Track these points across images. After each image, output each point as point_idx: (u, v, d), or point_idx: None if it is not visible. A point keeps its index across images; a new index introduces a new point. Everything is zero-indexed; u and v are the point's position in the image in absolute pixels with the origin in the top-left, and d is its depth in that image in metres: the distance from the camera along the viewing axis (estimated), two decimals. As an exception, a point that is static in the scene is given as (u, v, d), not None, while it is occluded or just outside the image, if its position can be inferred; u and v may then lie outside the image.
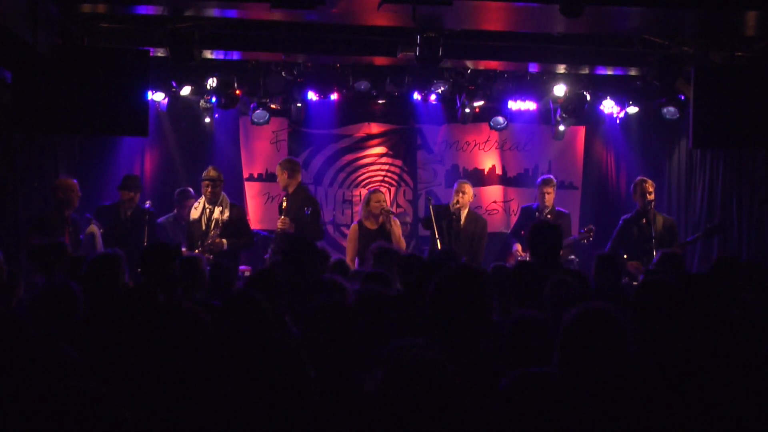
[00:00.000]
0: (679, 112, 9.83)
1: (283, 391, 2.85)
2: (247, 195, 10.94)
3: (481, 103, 10.35)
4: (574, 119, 10.56)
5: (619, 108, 10.46)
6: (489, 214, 11.07)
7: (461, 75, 9.78)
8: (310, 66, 9.75)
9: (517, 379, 2.61)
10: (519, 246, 9.28)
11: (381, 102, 10.91)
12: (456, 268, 3.89)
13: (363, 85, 9.75)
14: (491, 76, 9.86)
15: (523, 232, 8.85)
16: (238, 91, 9.55)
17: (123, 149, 10.45)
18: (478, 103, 10.35)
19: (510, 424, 2.55)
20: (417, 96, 10.46)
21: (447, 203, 9.23)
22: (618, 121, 10.82)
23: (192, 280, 5.44)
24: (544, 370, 2.68)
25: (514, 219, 10.49)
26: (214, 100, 9.75)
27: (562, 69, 9.80)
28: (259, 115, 10.05)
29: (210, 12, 8.09)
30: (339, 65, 9.82)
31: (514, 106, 10.47)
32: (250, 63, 9.67)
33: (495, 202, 11.34)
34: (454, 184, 9.44)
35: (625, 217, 8.97)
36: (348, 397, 3.32)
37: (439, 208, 9.01)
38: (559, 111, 10.36)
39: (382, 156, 11.25)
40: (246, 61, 9.67)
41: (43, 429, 2.30)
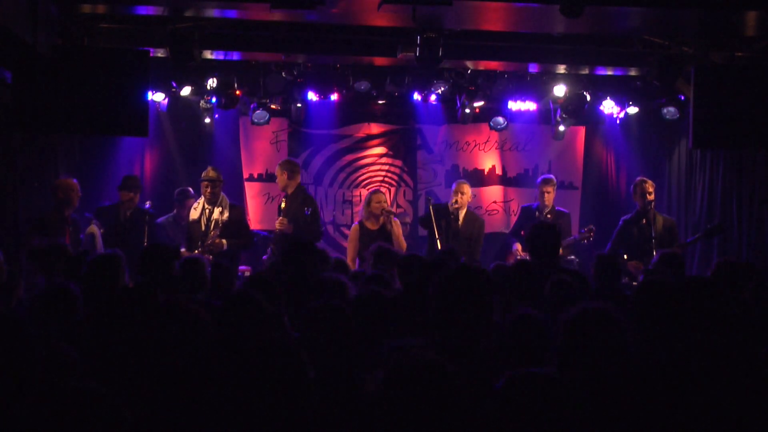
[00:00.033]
0: (679, 112, 9.82)
1: (283, 391, 2.85)
2: (247, 195, 10.94)
3: (481, 103, 10.35)
4: (574, 119, 10.55)
5: (619, 108, 10.45)
6: (489, 215, 11.07)
7: (461, 75, 9.78)
8: (310, 66, 9.75)
9: (511, 380, 2.61)
10: (519, 246, 9.26)
11: (381, 102, 10.91)
12: (457, 268, 3.89)
13: (363, 85, 9.76)
14: (491, 77, 9.85)
15: (523, 232, 8.84)
16: (238, 92, 9.54)
17: (123, 149, 10.45)
18: (478, 104, 10.35)
19: (505, 424, 2.55)
20: (417, 96, 10.45)
21: (446, 202, 9.23)
22: (618, 121, 10.81)
23: (194, 281, 5.45)
24: (539, 370, 2.68)
25: (514, 219, 10.48)
26: (214, 100, 9.74)
27: (562, 69, 9.80)
28: (259, 116, 10.05)
29: (210, 12, 8.10)
30: (339, 65, 9.82)
31: (514, 106, 10.47)
32: (250, 63, 9.67)
33: (495, 203, 11.34)
34: (453, 184, 9.44)
35: (625, 218, 8.95)
36: (348, 397, 3.33)
37: (439, 207, 9.00)
38: (559, 111, 10.36)
39: (382, 156, 11.25)
40: (246, 62, 9.67)
41: (43, 429, 2.30)
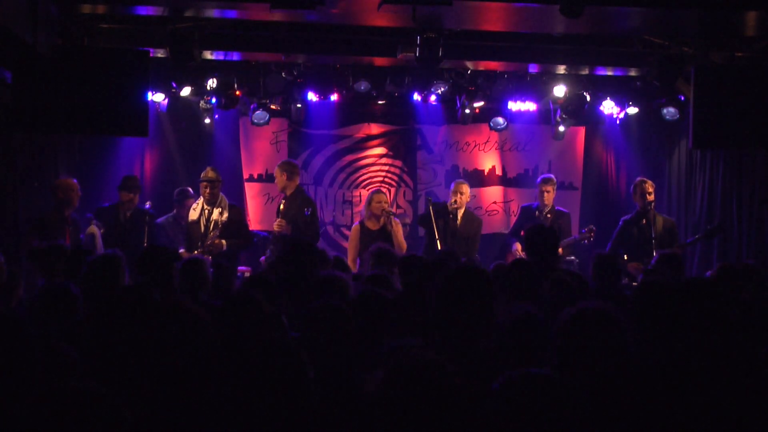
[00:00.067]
0: (679, 113, 9.82)
1: (283, 391, 2.85)
2: (247, 195, 10.93)
3: (481, 103, 10.34)
4: (574, 120, 10.55)
5: (619, 108, 10.44)
6: (489, 215, 11.08)
7: (461, 75, 9.78)
8: (310, 66, 9.75)
9: (509, 380, 2.61)
10: (519, 245, 9.26)
11: (381, 102, 10.91)
12: (457, 268, 3.89)
13: (363, 85, 9.75)
14: (491, 77, 9.85)
15: (522, 232, 8.83)
16: (238, 92, 9.54)
17: (123, 149, 10.45)
18: (478, 104, 10.34)
19: (503, 424, 2.55)
20: (417, 96, 10.44)
21: (445, 202, 9.22)
22: (618, 122, 10.80)
23: (196, 281, 5.45)
24: (537, 370, 2.67)
25: (514, 219, 10.47)
26: (214, 100, 9.74)
27: (562, 69, 9.80)
28: (259, 116, 10.04)
29: (210, 12, 8.09)
30: (339, 65, 9.82)
31: (514, 106, 10.46)
32: (250, 63, 9.67)
33: (495, 203, 11.33)
34: (451, 184, 9.43)
35: (625, 218, 8.95)
36: (348, 397, 3.33)
37: (438, 207, 9.00)
38: (559, 111, 10.36)
39: (382, 156, 11.24)
40: (246, 62, 9.67)
41: (43, 429, 2.30)
